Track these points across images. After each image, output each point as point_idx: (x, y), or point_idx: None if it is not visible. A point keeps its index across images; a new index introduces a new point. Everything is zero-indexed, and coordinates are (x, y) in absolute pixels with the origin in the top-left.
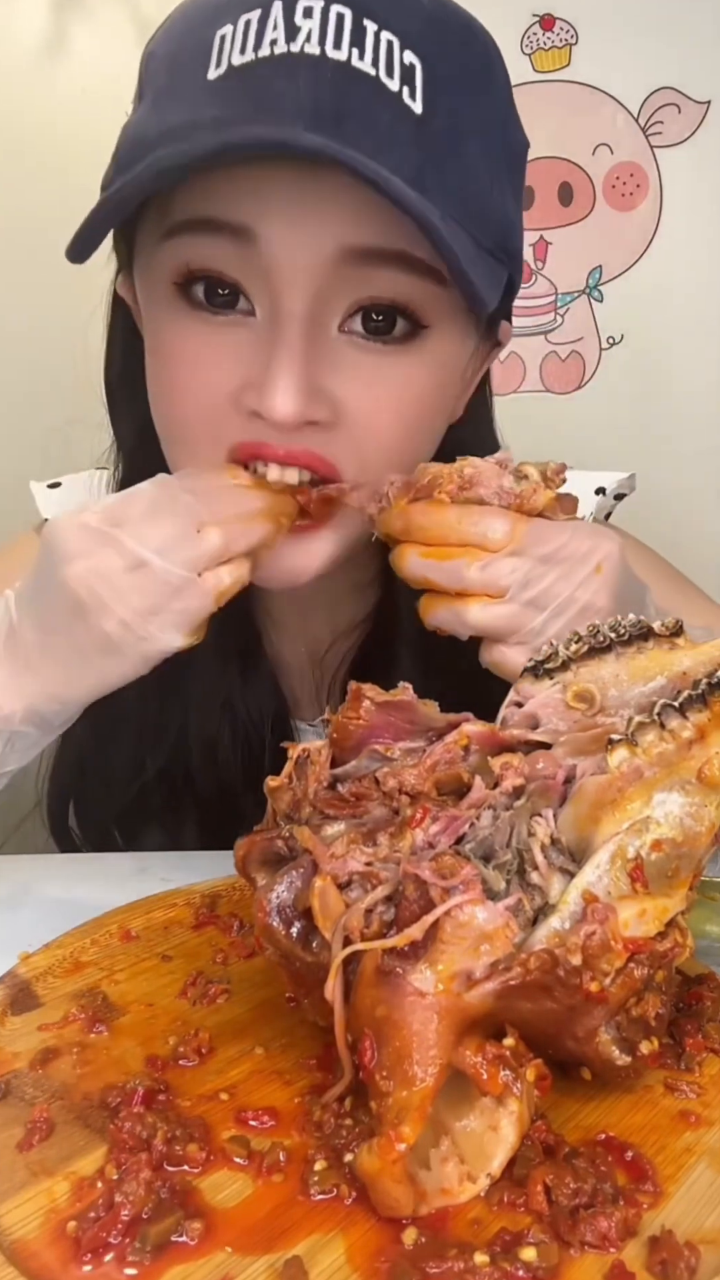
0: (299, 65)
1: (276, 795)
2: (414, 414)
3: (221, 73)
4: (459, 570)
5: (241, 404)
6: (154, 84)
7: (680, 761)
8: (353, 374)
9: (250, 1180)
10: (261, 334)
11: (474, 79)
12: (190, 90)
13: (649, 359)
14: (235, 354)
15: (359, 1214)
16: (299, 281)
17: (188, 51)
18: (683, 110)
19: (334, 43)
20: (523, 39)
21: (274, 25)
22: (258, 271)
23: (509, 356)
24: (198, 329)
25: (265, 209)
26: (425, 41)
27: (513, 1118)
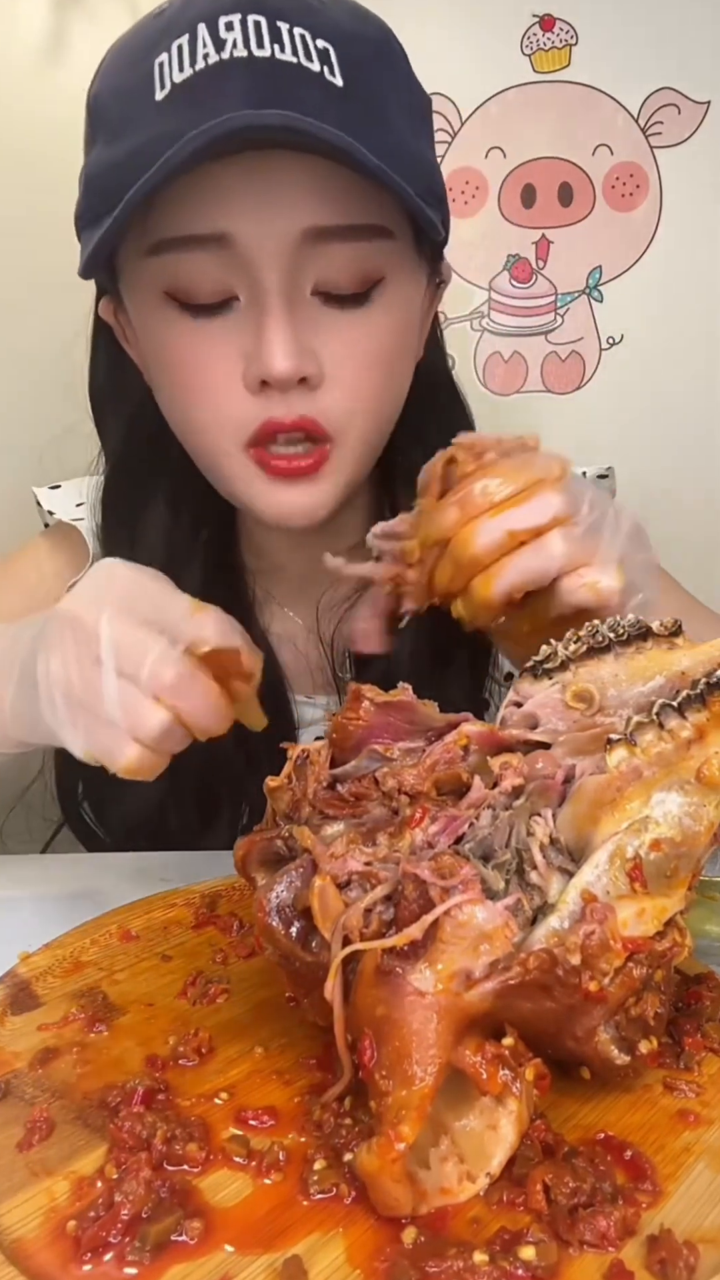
0: (232, 68)
1: (276, 795)
2: (387, 358)
3: (166, 93)
4: (544, 503)
5: (249, 377)
6: (105, 121)
7: (679, 761)
8: (330, 332)
9: (250, 1180)
10: (247, 315)
11: (379, 51)
12: (142, 115)
13: (649, 359)
14: (230, 339)
15: (358, 1213)
16: (272, 264)
17: (131, 83)
18: (683, 110)
19: (256, 44)
20: (523, 39)
21: (203, 43)
22: (235, 265)
23: (512, 356)
24: (193, 328)
25: (235, 211)
26: (331, 29)
27: (512, 1117)
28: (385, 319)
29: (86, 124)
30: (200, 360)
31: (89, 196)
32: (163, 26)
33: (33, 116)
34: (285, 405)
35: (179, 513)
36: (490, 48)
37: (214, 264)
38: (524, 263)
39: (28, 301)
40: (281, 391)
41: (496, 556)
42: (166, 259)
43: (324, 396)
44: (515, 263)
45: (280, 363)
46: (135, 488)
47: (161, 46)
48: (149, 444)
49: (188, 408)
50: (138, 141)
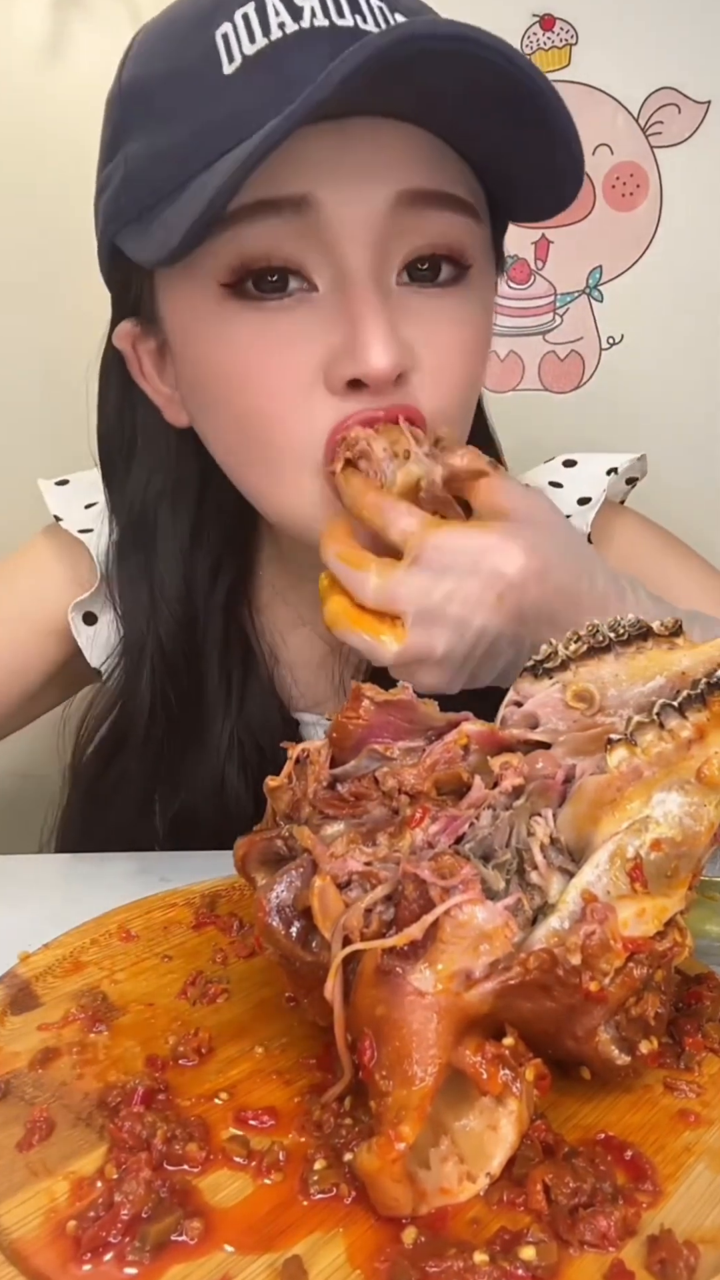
0: (315, 38)
1: (276, 795)
2: (474, 349)
3: (238, 65)
4: (362, 582)
5: (334, 377)
6: (153, 106)
7: (679, 761)
8: (418, 320)
9: (250, 1180)
10: (330, 304)
11: None
12: (208, 92)
13: (649, 359)
14: (306, 333)
15: (358, 1213)
16: (360, 237)
17: (188, 61)
18: (683, 110)
19: (337, 13)
20: (523, 39)
21: (274, 11)
22: (315, 240)
23: (508, 355)
24: (261, 321)
25: (318, 173)
26: (405, 6)
27: (512, 1117)
28: (472, 309)
29: (118, 115)
30: (272, 363)
31: (134, 189)
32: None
33: (33, 117)
34: (375, 404)
35: (198, 561)
36: None
37: (288, 238)
38: (522, 264)
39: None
40: (374, 394)
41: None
42: (231, 234)
43: (415, 390)
44: (513, 264)
45: (380, 359)
46: (150, 540)
47: (220, 17)
48: (165, 493)
49: (258, 422)
50: (209, 119)
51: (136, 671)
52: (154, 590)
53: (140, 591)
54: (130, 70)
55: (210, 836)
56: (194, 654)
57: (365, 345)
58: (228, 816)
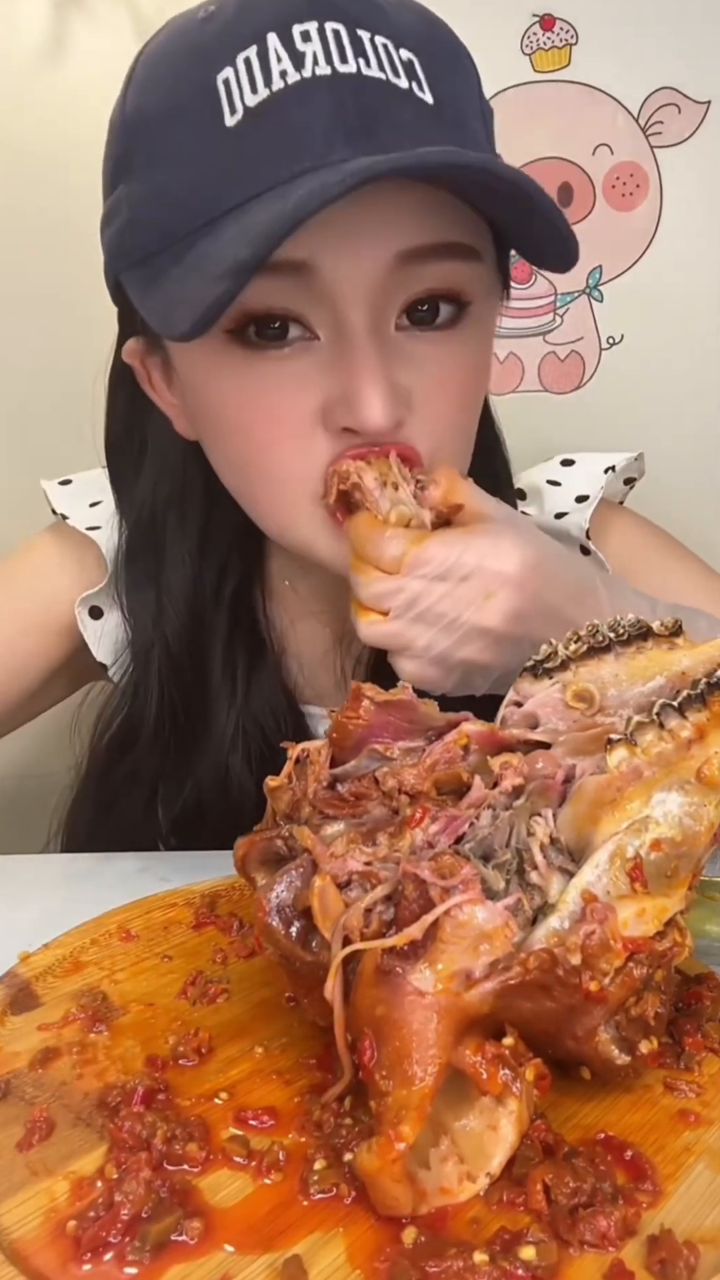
0: (315, 89)
1: (276, 795)
2: (472, 387)
3: (239, 118)
4: (358, 586)
5: (331, 422)
6: (156, 145)
7: (679, 761)
8: (416, 365)
9: (250, 1180)
10: (329, 354)
11: (455, 60)
12: (207, 144)
13: (649, 359)
14: (306, 380)
15: (359, 1213)
16: (360, 297)
17: (189, 104)
18: (683, 110)
19: (340, 58)
20: (523, 39)
21: (276, 57)
22: (316, 299)
23: (508, 357)
24: (262, 368)
25: (319, 239)
26: (411, 37)
27: (512, 1117)
28: (470, 348)
29: (121, 148)
30: (273, 410)
31: (135, 234)
32: (218, 34)
33: (33, 117)
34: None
35: (205, 568)
36: (490, 47)
37: (291, 296)
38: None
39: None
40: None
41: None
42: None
43: (410, 431)
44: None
45: (376, 414)
46: (158, 545)
47: (223, 59)
48: (175, 499)
49: (259, 455)
50: (205, 173)
51: (144, 673)
52: (161, 594)
53: (147, 595)
54: (133, 99)
55: (216, 827)
56: (200, 655)
57: (363, 401)
58: (233, 808)
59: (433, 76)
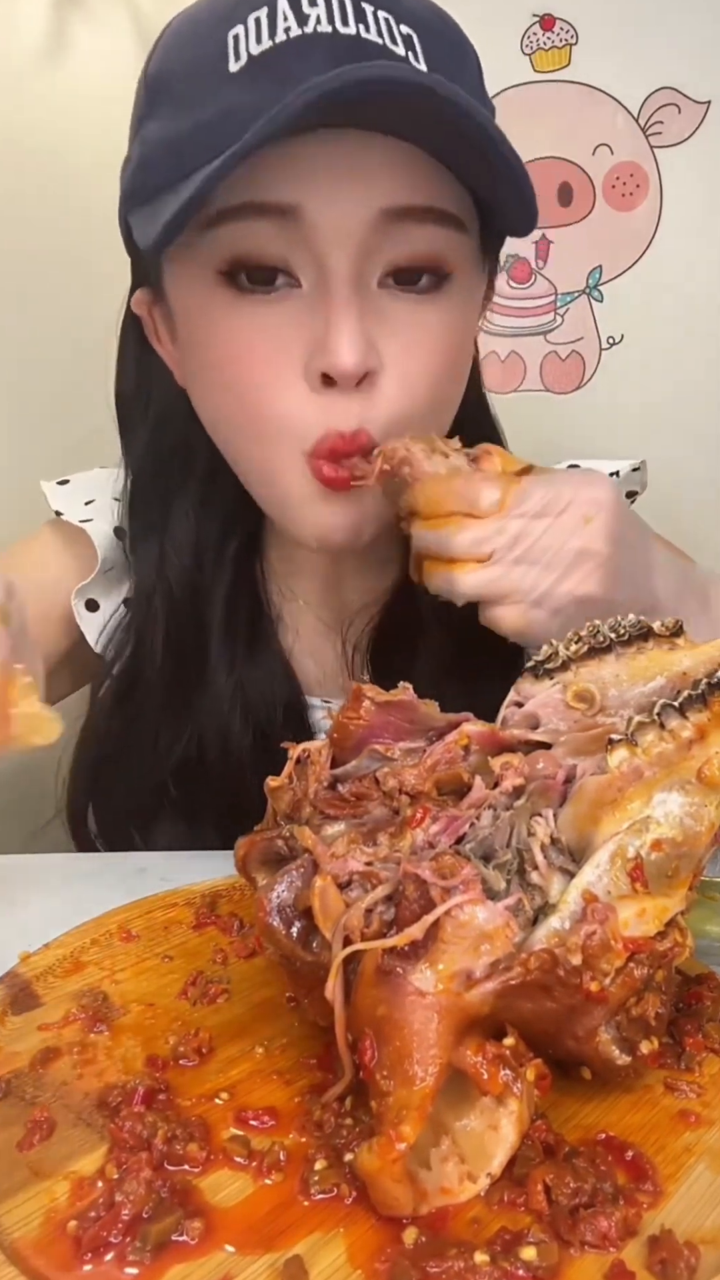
0: (315, 43)
1: (276, 795)
2: (448, 357)
3: (242, 64)
4: (447, 538)
5: (310, 369)
6: (168, 95)
7: (680, 761)
8: (393, 325)
9: (250, 1180)
10: (311, 301)
11: (458, 52)
12: (212, 87)
13: (649, 359)
14: (288, 324)
15: (359, 1213)
16: (343, 245)
17: (201, 56)
18: (683, 110)
19: (341, 20)
20: (523, 39)
21: (283, 16)
22: (302, 244)
23: (510, 356)
24: (250, 312)
25: (308, 184)
26: (415, 18)
27: (513, 1117)
28: (450, 314)
29: (140, 101)
30: (259, 348)
31: (145, 173)
32: (235, 1)
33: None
34: (345, 406)
35: (208, 520)
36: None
37: (276, 238)
38: (523, 263)
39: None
40: (342, 390)
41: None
42: (227, 230)
43: (382, 394)
44: (514, 263)
45: (347, 357)
46: (163, 495)
47: (236, 18)
48: (179, 449)
49: (245, 405)
50: (208, 114)
51: (145, 619)
52: (164, 541)
53: (150, 542)
54: (156, 59)
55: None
56: (200, 605)
57: (334, 343)
58: (232, 767)
59: (430, 54)
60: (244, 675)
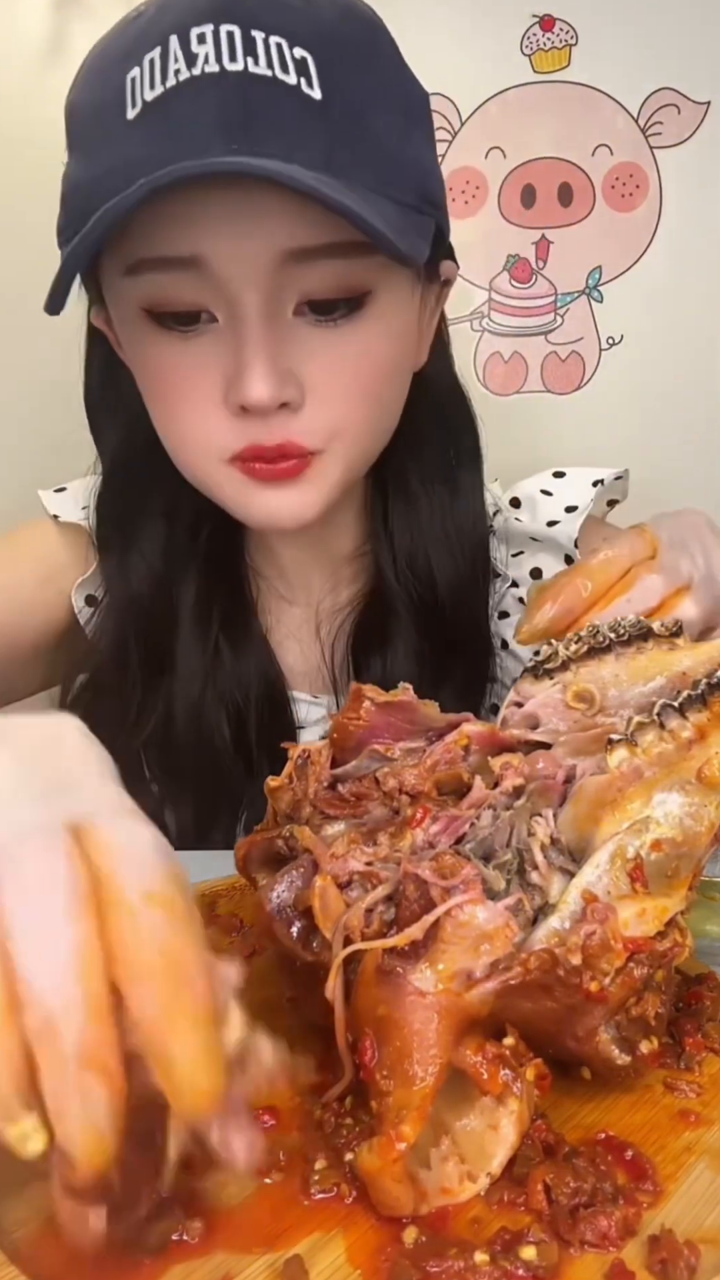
0: (203, 85)
1: (277, 795)
2: (373, 376)
3: (138, 111)
4: (647, 586)
5: (229, 401)
6: (80, 134)
7: (680, 761)
8: (311, 352)
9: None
10: (226, 335)
11: (361, 53)
12: (113, 134)
13: (649, 359)
14: (206, 360)
15: (359, 1213)
16: (250, 286)
17: (104, 98)
18: (683, 111)
19: (229, 57)
20: (523, 40)
21: (174, 57)
22: (211, 287)
23: (512, 356)
24: (174, 348)
25: (208, 234)
26: (310, 35)
27: (513, 1117)
28: (372, 333)
29: (66, 133)
30: (179, 380)
31: (66, 213)
32: (136, 36)
33: (32, 116)
34: (266, 429)
35: (176, 518)
36: (490, 48)
37: (190, 285)
38: (524, 263)
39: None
40: (262, 416)
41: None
42: (142, 279)
43: (307, 416)
44: (515, 263)
45: (258, 390)
46: (130, 494)
47: (134, 59)
48: (144, 450)
49: (170, 424)
50: (107, 163)
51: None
52: (130, 539)
53: (117, 539)
54: (74, 91)
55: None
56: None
57: (246, 378)
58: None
59: (327, 70)
60: (221, 660)
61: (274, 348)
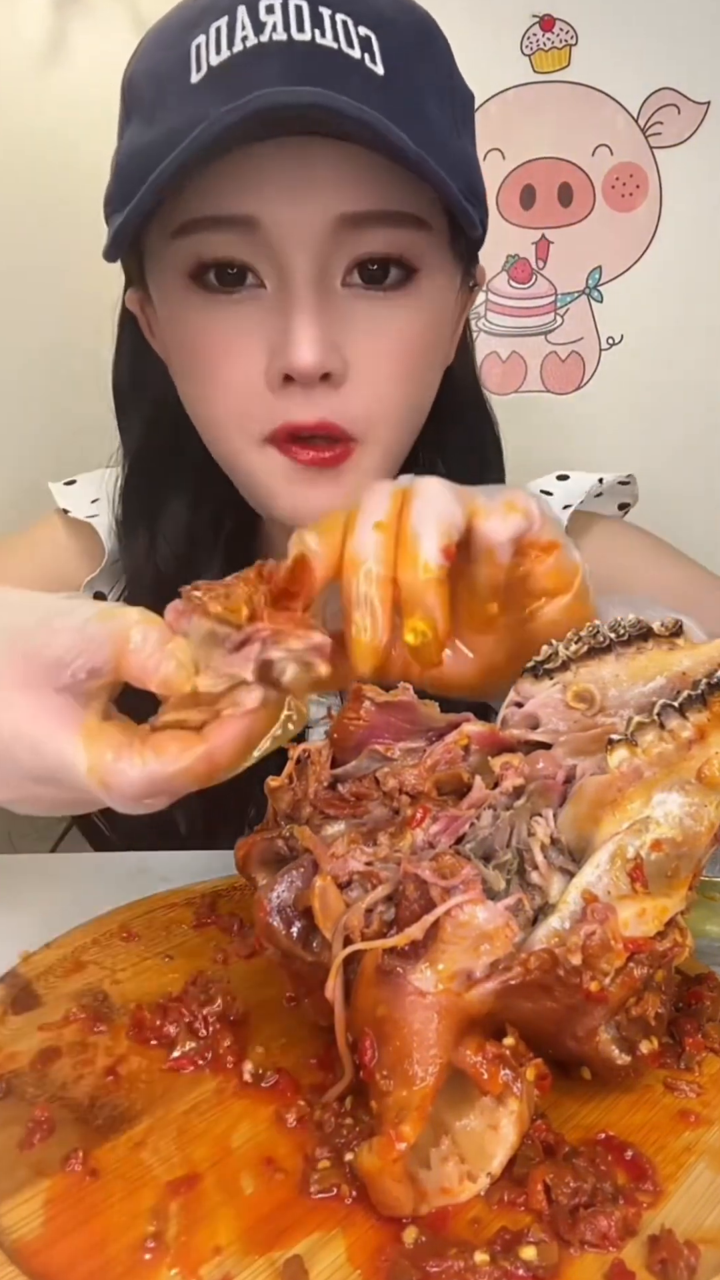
0: (269, 51)
1: (277, 795)
2: (414, 356)
3: (202, 75)
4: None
5: (272, 369)
6: (140, 102)
7: (680, 761)
8: (357, 324)
9: (250, 1179)
10: (275, 302)
11: (421, 42)
12: (176, 98)
13: (649, 359)
14: (252, 325)
15: (359, 1213)
16: (302, 250)
17: (168, 65)
18: (682, 111)
19: (297, 27)
20: (523, 39)
21: (242, 25)
22: (264, 250)
23: (511, 356)
24: (217, 312)
25: (264, 195)
26: (374, 17)
27: (513, 1117)
28: (416, 312)
29: (121, 106)
30: (221, 348)
31: (119, 180)
32: (203, 7)
33: (32, 116)
34: (307, 404)
35: (200, 507)
36: (490, 48)
37: (240, 245)
38: (523, 263)
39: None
40: (304, 388)
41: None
42: (192, 240)
43: (347, 394)
44: (514, 263)
45: (306, 356)
46: (156, 482)
47: (200, 28)
48: (170, 439)
49: (206, 400)
50: (170, 124)
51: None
52: (155, 527)
53: (142, 528)
54: (133, 64)
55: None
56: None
57: (294, 343)
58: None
59: (390, 51)
60: None
61: (323, 314)
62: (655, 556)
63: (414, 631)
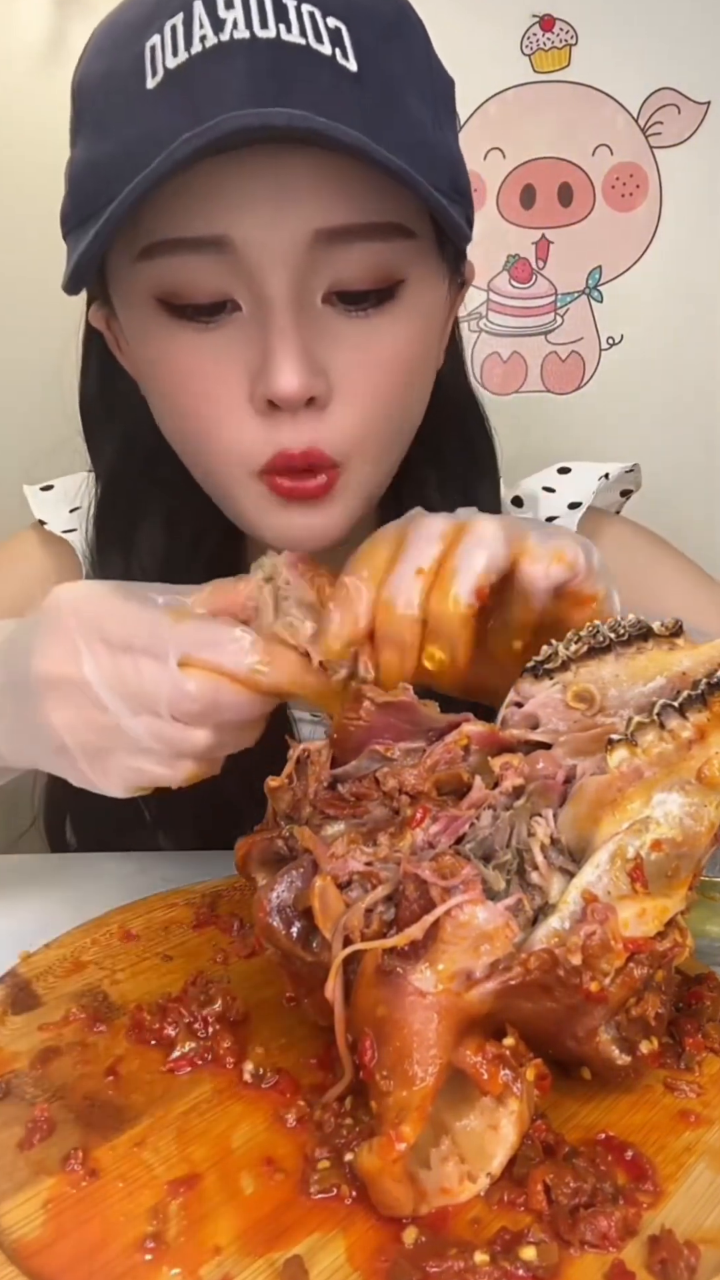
0: (232, 51)
1: (277, 795)
2: (404, 369)
3: (159, 80)
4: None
5: (256, 395)
6: (90, 113)
7: (680, 761)
8: (341, 344)
9: (250, 1179)
10: (252, 325)
11: (395, 32)
12: (131, 107)
13: (649, 359)
14: (228, 351)
15: (359, 1213)
16: (279, 270)
17: (120, 68)
18: (683, 111)
19: (260, 23)
20: (523, 39)
21: (199, 23)
22: (236, 271)
23: (512, 356)
24: (191, 341)
25: (236, 211)
26: (342, 6)
27: (513, 1117)
28: (404, 325)
29: (71, 111)
30: (200, 377)
31: (74, 197)
32: (155, 2)
33: (32, 116)
34: (294, 430)
35: (177, 529)
36: (490, 48)
37: (212, 269)
38: (524, 263)
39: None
40: (290, 413)
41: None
42: (158, 264)
43: (334, 415)
44: (515, 263)
45: (288, 383)
46: (130, 506)
47: (153, 27)
48: (143, 461)
49: (190, 431)
50: (126, 138)
51: None
52: (130, 552)
53: (116, 553)
54: (81, 67)
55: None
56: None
57: (275, 369)
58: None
59: (362, 43)
60: None
61: (304, 335)
62: (659, 557)
63: (433, 659)
